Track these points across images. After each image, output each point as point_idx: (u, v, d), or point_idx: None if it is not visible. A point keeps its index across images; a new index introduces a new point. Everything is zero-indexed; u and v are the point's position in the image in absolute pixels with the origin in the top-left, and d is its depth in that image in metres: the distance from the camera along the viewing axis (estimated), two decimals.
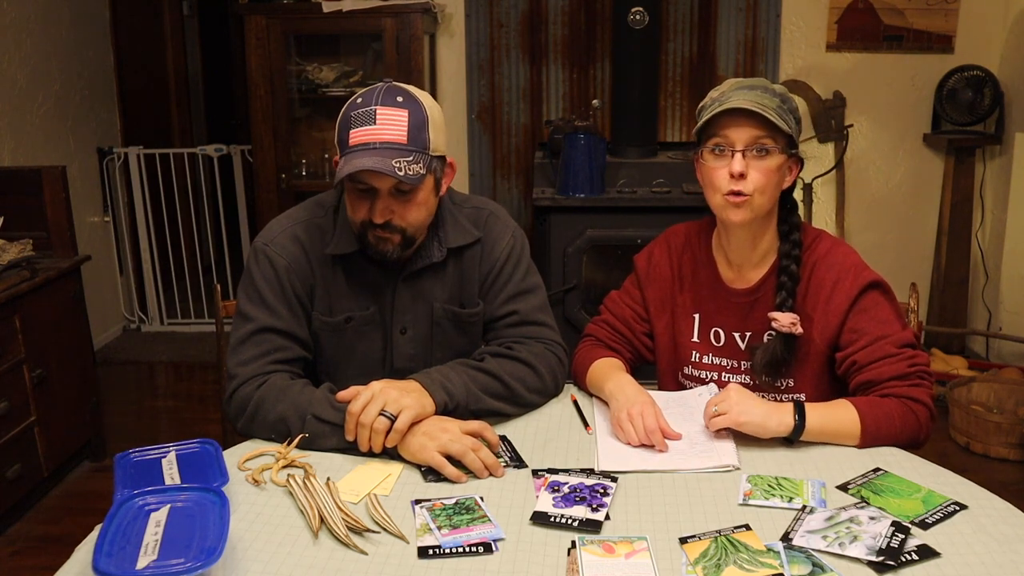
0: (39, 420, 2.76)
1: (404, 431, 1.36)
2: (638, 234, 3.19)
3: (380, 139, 1.43)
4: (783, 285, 1.54)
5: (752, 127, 1.46)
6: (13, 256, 2.71)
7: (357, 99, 1.48)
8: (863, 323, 1.49)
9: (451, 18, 3.90)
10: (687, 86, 3.92)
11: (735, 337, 1.60)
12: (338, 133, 1.48)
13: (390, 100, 1.46)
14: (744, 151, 1.47)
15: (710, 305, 1.63)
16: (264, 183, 3.72)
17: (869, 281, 1.51)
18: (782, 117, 1.46)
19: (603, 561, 1.11)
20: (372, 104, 1.45)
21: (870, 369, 1.46)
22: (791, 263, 1.54)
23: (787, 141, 1.50)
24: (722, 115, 1.47)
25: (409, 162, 1.43)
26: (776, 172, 1.49)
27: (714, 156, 1.50)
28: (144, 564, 1.02)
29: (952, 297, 3.90)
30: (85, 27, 4.13)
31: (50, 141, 3.82)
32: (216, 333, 1.94)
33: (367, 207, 1.48)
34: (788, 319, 1.51)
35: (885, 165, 3.97)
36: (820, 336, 1.53)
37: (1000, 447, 3.07)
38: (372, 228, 1.49)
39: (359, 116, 1.46)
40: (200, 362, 4.15)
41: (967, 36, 3.79)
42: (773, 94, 1.48)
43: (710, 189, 1.52)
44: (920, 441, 1.43)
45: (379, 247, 1.51)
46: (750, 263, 1.59)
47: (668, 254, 1.69)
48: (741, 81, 1.51)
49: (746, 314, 1.59)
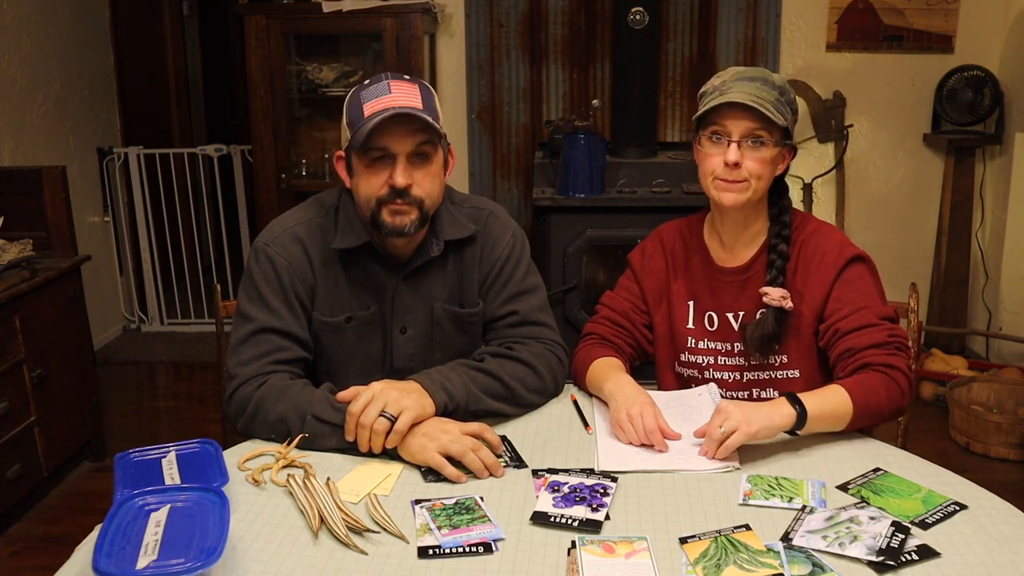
0: (39, 420, 2.76)
1: (404, 432, 1.36)
2: (638, 234, 3.18)
3: (397, 104, 1.46)
4: (773, 263, 1.59)
5: (749, 120, 1.51)
6: (13, 256, 2.71)
7: (365, 82, 1.52)
8: (847, 293, 1.54)
9: (451, 18, 3.90)
10: (687, 86, 3.91)
11: (728, 318, 1.64)
12: (348, 114, 1.51)
13: (399, 77, 1.50)
14: (739, 142, 1.52)
15: (704, 290, 1.67)
16: (264, 183, 3.72)
17: (854, 254, 1.57)
18: (779, 111, 1.51)
19: (603, 561, 1.11)
20: (383, 80, 1.49)
21: (851, 337, 1.50)
22: (781, 242, 1.60)
23: (782, 132, 1.54)
24: (721, 105, 1.51)
25: (430, 120, 1.47)
26: (770, 162, 1.55)
27: (711, 143, 1.56)
28: (144, 564, 1.02)
29: (952, 297, 3.90)
30: (85, 27, 4.13)
31: (50, 141, 3.82)
32: (216, 333, 1.94)
33: (385, 176, 1.49)
34: (779, 293, 1.56)
35: (885, 165, 3.97)
36: (809, 309, 1.57)
37: (1000, 447, 3.07)
38: (390, 201, 1.50)
39: (371, 91, 1.48)
40: (200, 362, 4.15)
41: (967, 36, 3.79)
42: (772, 86, 1.53)
43: (705, 173, 1.58)
44: (903, 409, 1.47)
45: (396, 222, 1.51)
46: (742, 243, 1.64)
47: (661, 246, 1.73)
48: (743, 71, 1.56)
49: (738, 292, 1.63)
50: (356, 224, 1.57)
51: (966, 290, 3.91)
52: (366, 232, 1.57)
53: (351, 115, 1.50)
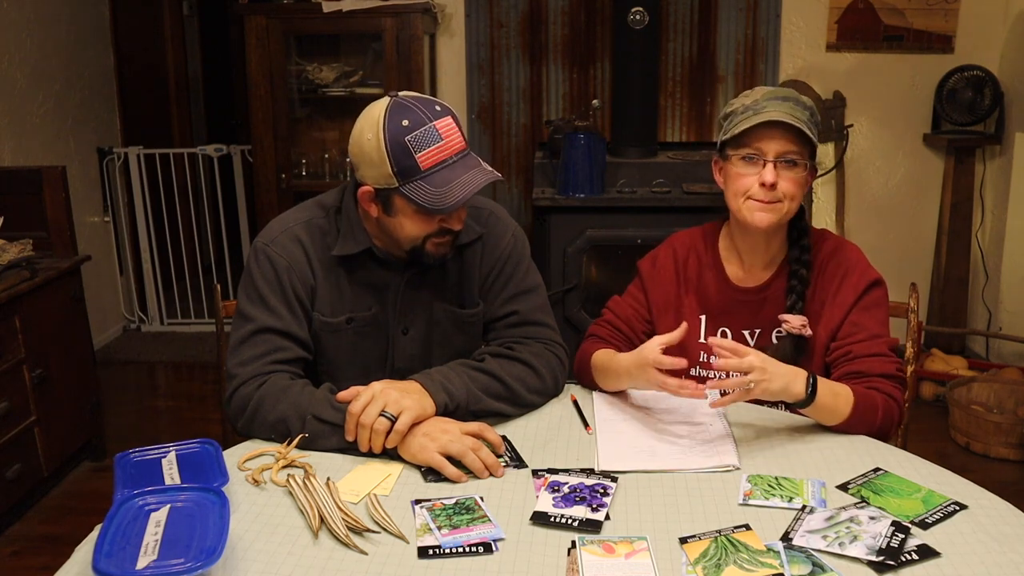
0: (39, 420, 2.76)
1: (404, 432, 1.36)
2: (638, 234, 3.19)
3: (453, 151, 1.45)
4: (793, 289, 1.59)
5: (785, 140, 1.51)
6: (13, 256, 2.71)
7: (402, 121, 1.42)
8: (865, 319, 1.55)
9: (451, 18, 3.90)
10: (687, 86, 3.92)
11: (744, 335, 1.63)
12: (393, 159, 1.43)
13: (433, 111, 1.45)
14: (775, 162, 1.52)
15: (717, 306, 1.66)
16: (264, 183, 3.72)
17: (874, 279, 1.58)
18: (811, 131, 1.52)
19: (603, 561, 1.11)
20: (426, 121, 1.43)
21: (864, 361, 1.52)
22: (801, 267, 1.60)
23: (811, 152, 1.55)
24: (757, 126, 1.51)
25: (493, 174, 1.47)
26: (803, 183, 1.55)
27: (745, 163, 1.55)
28: (144, 564, 1.02)
29: (952, 297, 3.90)
30: (85, 27, 4.13)
31: (50, 141, 3.82)
32: (216, 333, 1.94)
33: (436, 220, 1.49)
34: (798, 321, 1.56)
35: (885, 165, 3.97)
36: (825, 330, 1.58)
37: (1000, 447, 3.07)
38: (436, 237, 1.51)
39: (420, 138, 1.42)
40: (200, 362, 4.15)
41: (967, 36, 3.79)
42: (804, 107, 1.54)
43: (736, 193, 1.57)
44: (887, 434, 1.49)
45: (439, 252, 1.54)
46: (761, 263, 1.64)
47: (673, 258, 1.72)
48: (773, 91, 1.56)
49: (755, 312, 1.63)
50: (357, 229, 1.57)
51: (966, 290, 3.91)
52: (367, 238, 1.57)
53: (399, 163, 1.43)
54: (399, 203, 1.48)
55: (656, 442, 1.44)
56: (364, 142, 1.46)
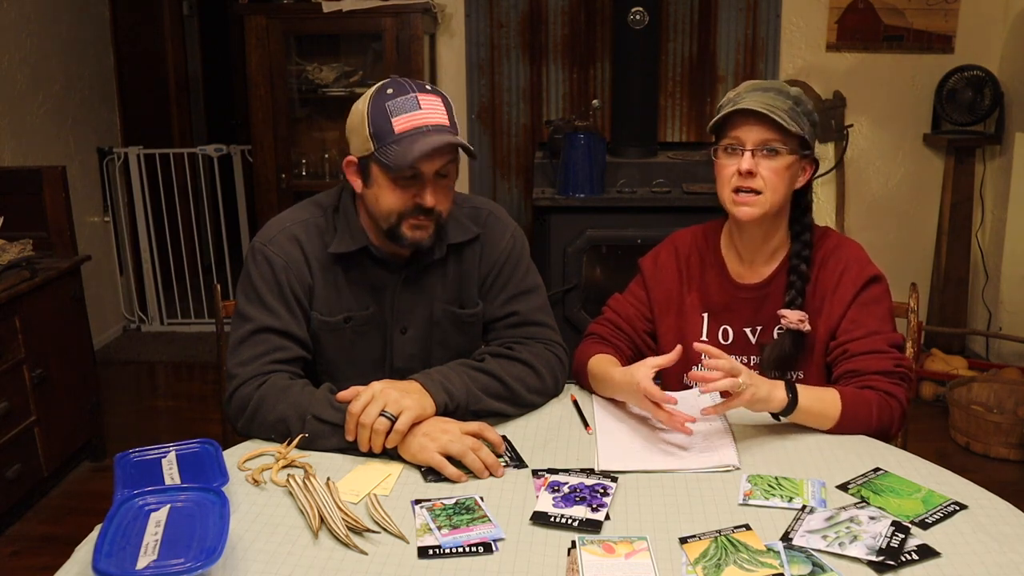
0: (39, 420, 2.76)
1: (404, 432, 1.36)
2: (638, 234, 3.19)
3: (430, 122, 1.46)
4: (793, 284, 1.59)
5: (762, 128, 1.51)
6: (13, 256, 2.71)
7: (387, 90, 1.48)
8: (863, 316, 1.55)
9: (451, 18, 3.90)
10: (687, 86, 3.92)
11: (746, 333, 1.63)
12: (372, 124, 1.47)
13: (422, 88, 1.49)
14: (753, 151, 1.51)
15: (718, 304, 1.66)
16: (264, 183, 3.72)
17: (873, 275, 1.57)
18: (794, 119, 1.51)
19: (603, 561, 1.11)
20: (410, 92, 1.47)
21: (860, 359, 1.51)
22: (801, 263, 1.59)
23: (799, 142, 1.53)
24: (734, 115, 1.52)
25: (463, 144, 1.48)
26: (786, 171, 1.53)
27: (726, 154, 1.56)
28: (144, 564, 1.02)
29: (952, 297, 3.90)
30: (85, 27, 4.13)
31: (50, 141, 3.82)
32: (216, 333, 1.94)
33: (411, 193, 1.49)
34: (796, 316, 1.55)
35: (885, 165, 3.97)
36: (825, 327, 1.57)
37: (1000, 447, 3.07)
38: (411, 217, 1.50)
39: (400, 104, 1.46)
40: (200, 362, 4.15)
41: (967, 36, 3.79)
42: (786, 96, 1.53)
43: (722, 185, 1.57)
44: (891, 434, 1.48)
45: (415, 236, 1.52)
46: (761, 258, 1.63)
47: (675, 256, 1.72)
48: (758, 83, 1.56)
49: (757, 309, 1.63)
50: (355, 228, 1.57)
51: (966, 290, 3.91)
52: (364, 236, 1.57)
53: (376, 126, 1.47)
54: (375, 172, 1.50)
55: (656, 442, 1.44)
56: (354, 112, 1.51)
